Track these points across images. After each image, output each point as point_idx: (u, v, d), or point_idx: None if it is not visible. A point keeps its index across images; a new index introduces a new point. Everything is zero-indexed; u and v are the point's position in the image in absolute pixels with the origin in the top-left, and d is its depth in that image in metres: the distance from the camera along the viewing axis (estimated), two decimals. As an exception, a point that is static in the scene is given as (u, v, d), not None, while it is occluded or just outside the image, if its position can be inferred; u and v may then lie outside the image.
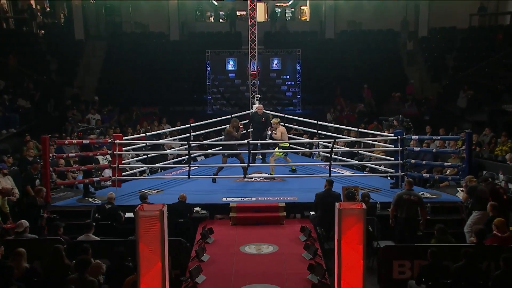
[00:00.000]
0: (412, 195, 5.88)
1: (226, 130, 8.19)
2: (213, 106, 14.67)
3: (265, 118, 9.36)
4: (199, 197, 7.28)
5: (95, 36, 16.17)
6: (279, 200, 7.13)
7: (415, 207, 5.83)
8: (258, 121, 9.37)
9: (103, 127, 9.88)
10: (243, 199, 7.23)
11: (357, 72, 14.81)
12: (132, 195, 7.43)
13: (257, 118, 9.45)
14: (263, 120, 9.30)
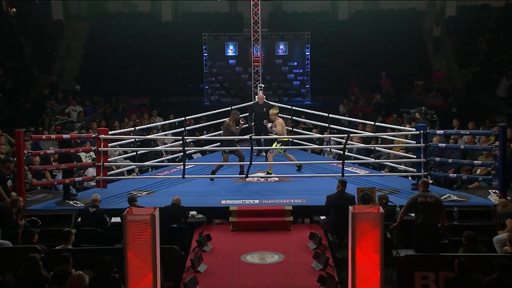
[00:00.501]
0: (428, 197, 5.84)
1: (225, 123, 8.21)
2: (210, 97, 14.68)
3: (268, 108, 9.36)
4: (195, 200, 7.30)
5: (76, 16, 16.12)
6: (285, 203, 7.15)
7: (433, 211, 5.78)
8: (259, 112, 9.39)
9: (86, 120, 9.92)
10: (245, 202, 7.25)
11: (374, 58, 14.80)
12: (119, 197, 7.46)
13: (258, 109, 9.47)
14: (264, 111, 9.31)
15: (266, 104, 9.49)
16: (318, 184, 7.86)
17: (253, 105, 9.63)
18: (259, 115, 9.36)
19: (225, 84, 14.74)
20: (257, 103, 9.50)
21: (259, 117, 9.35)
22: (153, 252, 4.21)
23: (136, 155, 8.59)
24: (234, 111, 8.25)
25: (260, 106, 9.42)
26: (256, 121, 9.41)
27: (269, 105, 9.45)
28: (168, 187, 8.05)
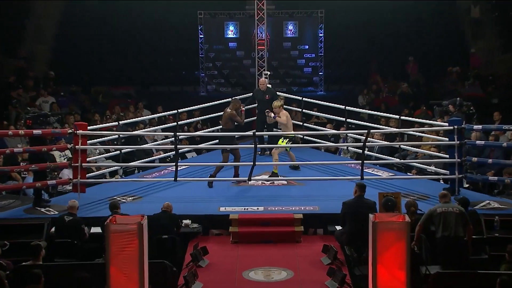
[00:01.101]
0: (450, 207, 5.86)
1: (227, 113, 8.15)
2: (207, 86, 14.74)
3: (271, 95, 9.37)
4: (189, 206, 7.33)
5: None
6: (295, 211, 7.17)
7: (457, 223, 5.74)
8: (262, 100, 9.41)
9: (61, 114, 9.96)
10: (247, 209, 7.28)
11: (399, 40, 14.81)
12: (99, 204, 7.50)
13: (260, 96, 9.49)
14: (267, 98, 9.32)
15: (270, 90, 9.50)
16: (333, 189, 7.87)
17: (254, 92, 9.66)
18: (262, 103, 9.38)
19: (224, 72, 14.78)
20: (259, 90, 9.52)
21: (261, 105, 9.37)
22: (140, 267, 4.24)
23: (120, 154, 8.63)
24: (235, 99, 8.25)
25: (262, 93, 9.44)
26: (259, 110, 9.43)
27: (273, 91, 9.47)
28: (157, 191, 8.08)
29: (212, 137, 9.79)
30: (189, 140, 10.69)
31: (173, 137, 8.03)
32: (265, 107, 9.15)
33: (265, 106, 9.16)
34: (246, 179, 7.76)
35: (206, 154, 10.37)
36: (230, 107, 8.13)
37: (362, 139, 7.97)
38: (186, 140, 10.60)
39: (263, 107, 9.28)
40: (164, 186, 8.20)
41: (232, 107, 8.11)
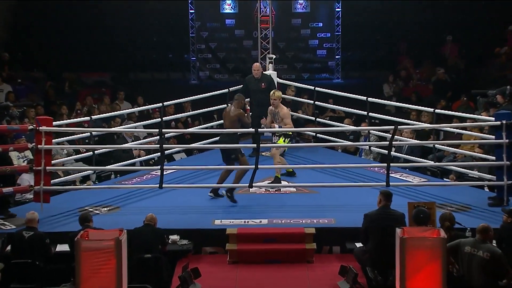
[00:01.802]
0: (482, 250, 5.59)
1: (234, 114, 7.93)
2: (199, 72, 14.79)
3: (268, 84, 9.41)
4: (178, 219, 7.38)
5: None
6: (306, 224, 7.20)
7: (480, 270, 5.56)
8: (256, 89, 9.44)
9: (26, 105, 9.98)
10: (248, 222, 7.31)
11: (434, 17, 14.81)
12: (68, 216, 7.53)
13: (254, 85, 9.52)
14: (263, 86, 9.37)
15: (266, 77, 9.56)
16: (352, 197, 7.90)
17: (246, 81, 9.71)
18: (257, 94, 9.41)
19: (220, 54, 14.82)
20: (252, 77, 9.57)
21: (256, 97, 9.41)
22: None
23: (93, 155, 8.66)
24: (239, 96, 8.09)
25: (256, 81, 9.49)
26: (254, 103, 9.47)
27: (270, 79, 9.52)
28: (139, 200, 8.13)
29: (206, 135, 9.83)
30: (178, 138, 10.74)
31: (158, 135, 8.06)
32: (261, 98, 9.17)
33: (261, 97, 9.18)
34: (247, 186, 7.78)
35: (198, 155, 10.41)
36: (235, 106, 7.96)
37: (388, 137, 7.99)
38: (174, 139, 10.65)
39: (258, 98, 9.31)
40: (147, 194, 8.25)
41: (237, 105, 7.95)
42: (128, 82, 14.27)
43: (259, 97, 9.34)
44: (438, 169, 9.08)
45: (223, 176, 8.03)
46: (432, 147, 9.04)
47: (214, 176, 8.55)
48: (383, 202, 6.33)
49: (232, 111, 7.96)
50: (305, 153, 9.73)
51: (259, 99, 9.31)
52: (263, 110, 9.14)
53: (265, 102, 9.11)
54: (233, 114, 7.95)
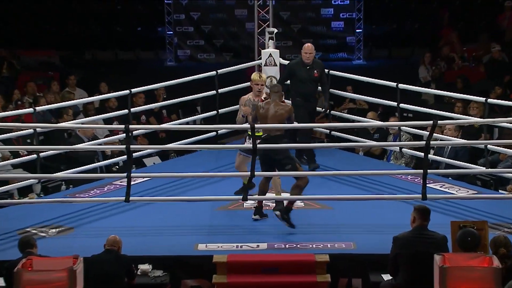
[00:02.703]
0: None
1: (286, 110, 7.71)
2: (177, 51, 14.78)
3: (320, 72, 9.36)
4: (150, 243, 7.39)
5: None
6: (317, 250, 7.21)
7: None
8: (306, 78, 9.33)
9: None
10: (241, 247, 7.32)
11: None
12: (2, 241, 7.49)
13: (304, 72, 9.37)
14: (315, 75, 9.27)
15: (317, 63, 9.48)
16: (377, 215, 7.93)
17: (291, 67, 9.56)
18: (306, 84, 9.33)
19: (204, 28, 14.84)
20: (300, 63, 9.47)
21: (305, 88, 9.33)
22: None
23: (38, 159, 8.66)
24: (279, 86, 8.01)
25: (306, 69, 9.40)
26: (301, 97, 9.32)
27: (322, 65, 9.43)
28: (98, 219, 8.12)
29: (187, 133, 9.82)
30: (149, 137, 10.73)
31: (124, 133, 8.05)
32: (311, 91, 9.19)
33: (311, 90, 9.20)
34: (240, 199, 7.78)
35: (176, 159, 10.46)
36: (277, 99, 7.81)
37: (425, 136, 7.98)
38: (144, 138, 10.64)
39: (308, 90, 9.26)
40: (109, 211, 8.25)
41: (279, 99, 7.85)
42: (83, 64, 14.25)
43: (308, 89, 9.27)
44: (491, 178, 9.08)
45: (263, 187, 7.91)
46: (483, 148, 9.04)
47: (198, 187, 8.58)
48: (418, 222, 6.33)
49: (276, 107, 7.73)
50: (316, 156, 9.72)
51: (309, 91, 9.25)
52: (311, 106, 9.16)
53: (315, 95, 9.39)
54: (282, 110, 7.72)
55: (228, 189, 8.41)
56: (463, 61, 13.78)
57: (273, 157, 7.67)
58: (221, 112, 10.12)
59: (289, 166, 7.69)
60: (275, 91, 7.87)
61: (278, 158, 7.69)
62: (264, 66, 10.37)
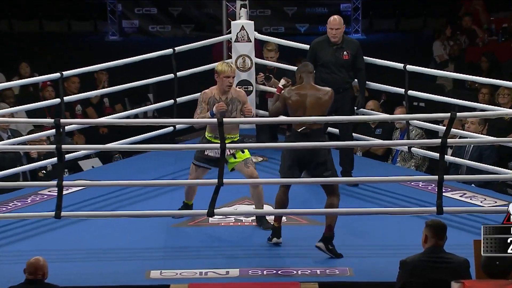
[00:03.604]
0: None
1: (329, 95, 7.79)
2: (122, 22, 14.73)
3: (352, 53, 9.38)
4: (88, 270, 7.39)
5: None
6: (304, 277, 7.25)
7: None
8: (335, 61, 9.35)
9: None
10: (205, 274, 7.35)
11: None
12: None
13: (331, 53, 9.35)
14: (345, 57, 9.32)
15: (349, 42, 9.49)
16: (379, 232, 8.04)
17: (316, 45, 9.51)
18: (334, 68, 9.34)
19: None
20: (326, 41, 9.49)
21: (332, 72, 9.34)
22: None
23: None
24: (308, 65, 8.01)
25: (333, 48, 9.39)
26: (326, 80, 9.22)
27: (357, 45, 9.45)
28: (18, 240, 8.11)
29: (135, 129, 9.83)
30: (87, 134, 10.73)
31: (54, 128, 8.04)
32: (340, 77, 9.20)
33: (340, 77, 9.21)
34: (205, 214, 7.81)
35: (121, 161, 10.54)
36: (311, 81, 7.85)
37: (441, 132, 8.05)
38: (81, 134, 10.64)
39: (335, 76, 9.28)
40: (34, 229, 8.25)
41: (313, 80, 7.91)
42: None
43: (335, 76, 9.22)
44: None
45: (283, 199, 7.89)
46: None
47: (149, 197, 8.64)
48: (431, 241, 6.37)
49: (316, 92, 7.77)
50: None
51: (336, 80, 9.17)
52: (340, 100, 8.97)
53: (346, 83, 9.27)
54: (325, 96, 7.77)
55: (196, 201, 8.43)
56: (489, 35, 13.87)
57: (312, 159, 7.71)
58: (180, 102, 10.16)
59: (329, 172, 7.72)
60: (309, 71, 7.85)
61: (319, 161, 7.73)
62: (235, 42, 10.41)
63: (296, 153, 7.64)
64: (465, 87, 11.32)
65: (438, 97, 9.60)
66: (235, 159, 8.19)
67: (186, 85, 10.16)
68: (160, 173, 9.40)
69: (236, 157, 8.20)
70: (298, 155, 7.64)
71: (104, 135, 10.76)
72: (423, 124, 9.62)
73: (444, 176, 7.56)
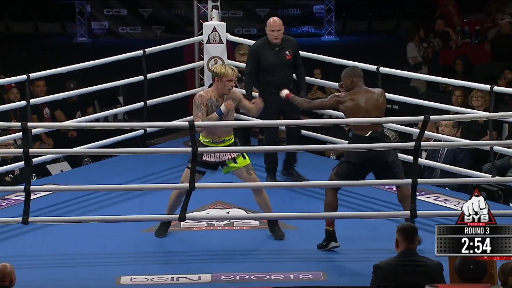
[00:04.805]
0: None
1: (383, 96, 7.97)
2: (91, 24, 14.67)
3: (293, 52, 9.48)
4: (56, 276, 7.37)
5: None
6: (276, 282, 7.25)
7: None
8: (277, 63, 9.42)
9: None
10: (177, 279, 7.34)
11: None
12: None
13: (273, 55, 9.43)
14: (287, 57, 9.40)
15: (289, 42, 9.57)
16: (353, 237, 8.03)
17: (257, 49, 9.55)
18: (277, 70, 9.40)
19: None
20: (266, 43, 9.53)
21: (276, 74, 9.39)
22: None
23: None
24: (357, 68, 8.09)
25: (275, 50, 9.46)
26: (271, 84, 9.38)
27: (294, 44, 9.54)
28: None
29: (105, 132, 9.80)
30: (55, 137, 10.68)
31: (21, 131, 8.00)
32: (284, 79, 9.23)
33: (284, 77, 9.27)
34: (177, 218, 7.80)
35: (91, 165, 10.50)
36: (363, 84, 7.96)
37: (415, 135, 8.06)
38: (49, 138, 10.58)
39: (279, 78, 9.30)
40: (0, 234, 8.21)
41: (363, 82, 8.00)
42: None
43: (280, 76, 9.30)
44: (499, 188, 9.16)
45: (334, 200, 7.93)
46: (489, 150, 9.15)
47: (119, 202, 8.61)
48: (402, 245, 6.36)
49: (372, 95, 7.91)
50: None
51: (281, 80, 9.26)
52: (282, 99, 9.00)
53: (290, 83, 9.28)
54: (382, 98, 7.94)
55: (159, 205, 8.41)
56: (463, 37, 13.93)
57: (383, 159, 7.80)
58: (150, 104, 10.13)
59: (398, 168, 7.86)
60: (360, 74, 7.95)
61: (389, 160, 7.83)
62: (207, 44, 10.39)
63: (368, 154, 7.73)
64: (439, 90, 11.36)
65: (412, 99, 9.65)
66: (235, 164, 8.12)
67: (156, 87, 10.12)
68: (130, 177, 9.38)
69: (236, 162, 8.13)
70: (369, 156, 7.74)
71: (73, 139, 10.70)
72: (396, 127, 9.65)
73: (418, 179, 7.65)
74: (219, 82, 8.04)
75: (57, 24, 15.23)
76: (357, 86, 7.86)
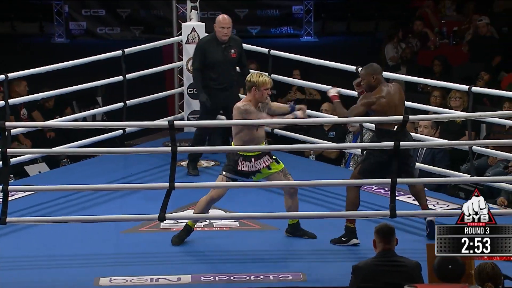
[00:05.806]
0: None
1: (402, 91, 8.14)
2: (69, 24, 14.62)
3: (238, 51, 9.57)
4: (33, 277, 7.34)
5: None
6: (256, 283, 7.26)
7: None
8: (223, 60, 9.52)
9: None
10: (156, 281, 7.32)
11: None
12: None
13: (219, 53, 9.54)
14: (233, 55, 9.49)
15: (235, 41, 9.63)
16: (331, 237, 8.02)
17: (203, 45, 9.62)
18: (223, 68, 9.49)
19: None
20: (214, 40, 9.59)
21: (223, 71, 9.49)
22: None
23: None
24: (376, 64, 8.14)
25: (221, 47, 9.52)
26: (214, 83, 9.50)
27: (239, 43, 9.61)
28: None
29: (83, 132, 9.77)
30: (33, 137, 10.64)
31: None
32: (230, 76, 9.33)
33: (230, 74, 9.35)
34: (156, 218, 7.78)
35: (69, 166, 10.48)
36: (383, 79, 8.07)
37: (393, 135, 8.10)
38: (27, 138, 10.55)
39: (226, 76, 9.41)
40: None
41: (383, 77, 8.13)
42: None
43: (225, 74, 9.39)
44: (478, 187, 9.07)
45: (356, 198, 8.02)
46: (467, 150, 9.20)
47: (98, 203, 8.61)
48: (380, 246, 6.38)
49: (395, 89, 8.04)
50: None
51: (226, 77, 9.36)
52: (229, 96, 9.25)
53: (233, 81, 9.41)
54: (401, 90, 8.14)
55: (138, 206, 8.44)
56: (441, 38, 13.97)
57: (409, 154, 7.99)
58: (130, 105, 10.12)
59: (413, 163, 8.08)
60: (380, 71, 8.09)
61: (411, 155, 8.05)
62: (186, 44, 10.40)
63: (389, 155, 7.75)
64: (417, 90, 11.40)
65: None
66: (269, 170, 8.14)
67: (135, 88, 10.11)
68: (109, 178, 9.36)
69: (271, 168, 8.15)
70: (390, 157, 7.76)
71: (51, 139, 10.66)
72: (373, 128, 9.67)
73: (397, 179, 7.65)
74: (256, 91, 7.95)
75: (35, 24, 15.20)
76: (381, 83, 7.97)
